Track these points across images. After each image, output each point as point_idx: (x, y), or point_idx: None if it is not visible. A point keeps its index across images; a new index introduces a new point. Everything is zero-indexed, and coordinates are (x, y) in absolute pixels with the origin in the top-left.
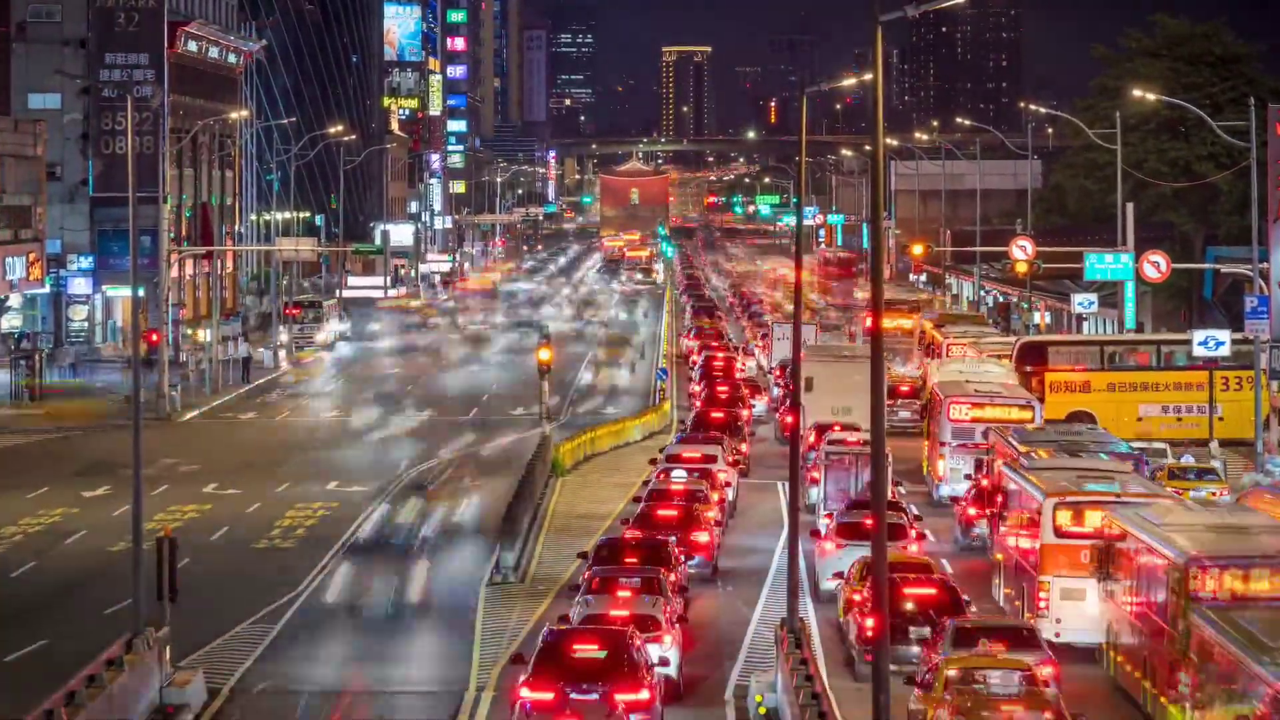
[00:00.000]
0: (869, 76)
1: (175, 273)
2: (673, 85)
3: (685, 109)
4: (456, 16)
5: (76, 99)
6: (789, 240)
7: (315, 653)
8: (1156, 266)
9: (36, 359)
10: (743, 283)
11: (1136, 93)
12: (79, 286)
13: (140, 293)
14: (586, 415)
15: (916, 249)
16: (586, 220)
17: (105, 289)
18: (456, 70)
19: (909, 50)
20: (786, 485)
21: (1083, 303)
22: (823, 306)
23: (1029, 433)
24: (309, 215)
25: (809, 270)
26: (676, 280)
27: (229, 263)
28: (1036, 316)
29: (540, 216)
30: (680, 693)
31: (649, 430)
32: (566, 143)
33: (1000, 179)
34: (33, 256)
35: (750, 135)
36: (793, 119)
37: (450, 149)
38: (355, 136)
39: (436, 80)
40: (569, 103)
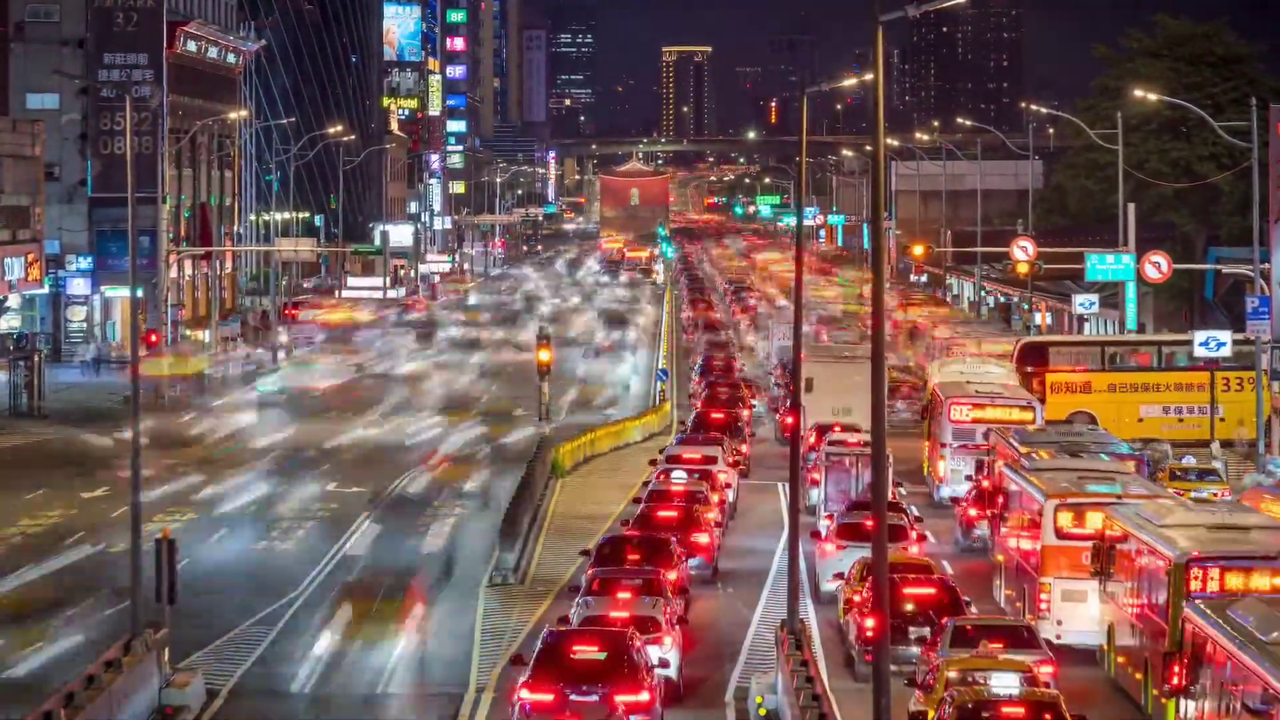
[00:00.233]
0: (870, 77)
1: (174, 273)
2: (673, 85)
3: (685, 109)
4: (456, 16)
5: (75, 99)
6: (789, 240)
7: (315, 653)
8: (1158, 267)
9: (36, 359)
10: (742, 277)
11: (1138, 93)
12: (78, 287)
13: (139, 293)
14: (581, 418)
15: (917, 249)
16: (587, 221)
17: (104, 289)
18: (456, 70)
19: (910, 50)
20: (787, 486)
21: (1084, 303)
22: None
23: (1030, 434)
24: (308, 216)
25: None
26: (676, 277)
27: (228, 263)
28: (1037, 317)
29: (540, 217)
30: (680, 694)
31: (649, 431)
32: (566, 143)
33: (1001, 179)
34: (31, 257)
35: (750, 135)
36: (793, 119)
37: (450, 149)
38: (354, 137)
39: (436, 80)
40: (569, 103)
